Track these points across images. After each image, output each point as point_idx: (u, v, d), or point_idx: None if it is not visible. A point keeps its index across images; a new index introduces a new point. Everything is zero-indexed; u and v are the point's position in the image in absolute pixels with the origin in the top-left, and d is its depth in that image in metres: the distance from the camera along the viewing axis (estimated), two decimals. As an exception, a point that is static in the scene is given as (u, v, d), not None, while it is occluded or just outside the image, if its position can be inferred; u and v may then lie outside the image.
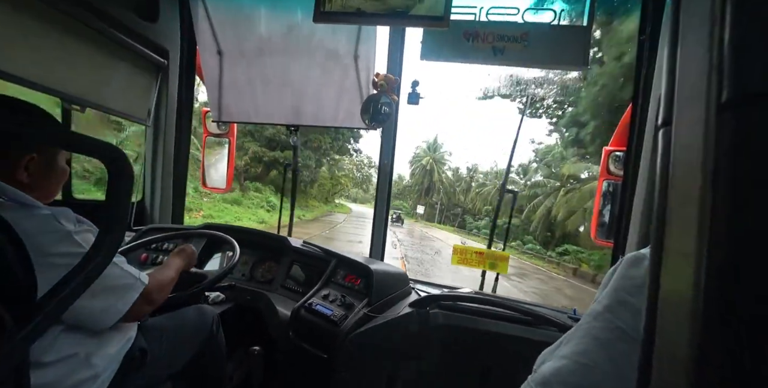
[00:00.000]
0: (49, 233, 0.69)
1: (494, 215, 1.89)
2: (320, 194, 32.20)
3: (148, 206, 1.96)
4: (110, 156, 0.55)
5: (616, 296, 0.48)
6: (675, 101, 0.26)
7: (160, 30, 1.72)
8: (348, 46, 1.59)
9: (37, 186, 0.77)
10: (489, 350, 1.39)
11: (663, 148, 0.27)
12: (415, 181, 53.98)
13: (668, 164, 0.26)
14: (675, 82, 0.26)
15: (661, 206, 0.27)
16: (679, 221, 0.25)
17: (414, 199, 53.15)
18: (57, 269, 0.63)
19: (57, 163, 0.82)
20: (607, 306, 0.48)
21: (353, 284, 1.41)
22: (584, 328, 0.50)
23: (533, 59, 1.31)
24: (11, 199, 0.70)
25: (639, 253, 0.49)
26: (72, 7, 1.29)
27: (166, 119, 1.88)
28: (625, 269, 0.49)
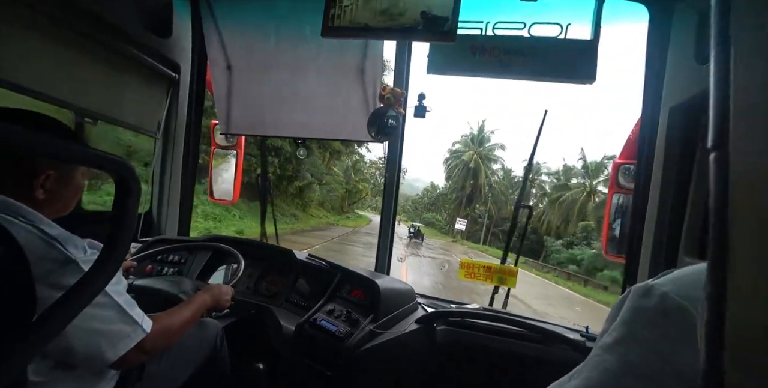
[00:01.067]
0: (51, 261, 0.66)
1: (510, 229, 1.85)
2: (330, 201, 27.93)
3: (156, 217, 1.97)
4: (119, 170, 0.56)
5: (627, 328, 0.46)
6: (731, 120, 0.23)
7: (172, 45, 1.76)
8: (355, 60, 1.61)
9: (52, 202, 0.76)
10: (498, 370, 1.35)
11: (717, 172, 0.24)
12: (452, 186, 42.12)
13: (726, 191, 0.23)
14: (729, 99, 0.23)
15: (719, 235, 0.23)
16: (745, 250, 0.23)
17: (451, 210, 41.76)
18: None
19: (74, 180, 0.81)
20: (618, 339, 0.46)
21: (359, 299, 1.38)
22: (595, 361, 0.48)
23: (540, 73, 1.31)
24: (27, 220, 0.68)
25: (648, 283, 0.47)
26: (88, 25, 1.33)
27: (175, 132, 1.91)
28: (635, 301, 0.47)
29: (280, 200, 19.64)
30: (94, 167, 0.78)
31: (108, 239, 0.58)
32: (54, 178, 0.75)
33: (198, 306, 0.99)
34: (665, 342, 0.41)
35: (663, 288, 0.45)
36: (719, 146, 0.23)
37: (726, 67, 0.23)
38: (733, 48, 0.23)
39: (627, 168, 1.41)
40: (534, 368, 1.30)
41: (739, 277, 0.23)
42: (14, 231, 0.64)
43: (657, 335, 0.43)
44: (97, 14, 1.35)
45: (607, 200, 1.48)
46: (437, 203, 51.88)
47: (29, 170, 0.73)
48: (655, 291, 0.45)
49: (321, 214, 27.48)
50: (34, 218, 0.70)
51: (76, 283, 0.57)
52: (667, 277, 0.47)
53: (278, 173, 17.48)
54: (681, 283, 0.44)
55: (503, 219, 36.84)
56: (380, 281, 1.39)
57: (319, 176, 24.57)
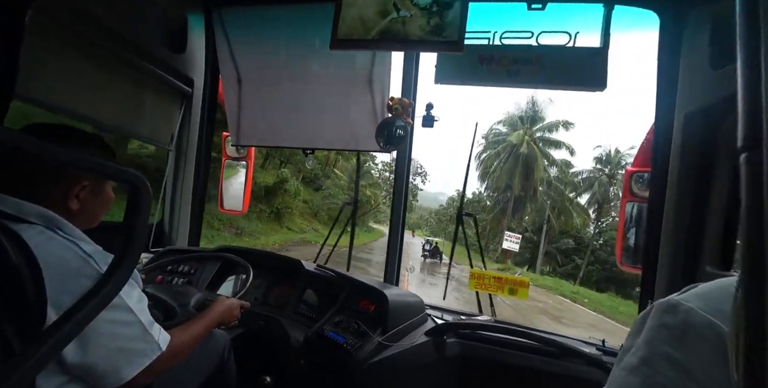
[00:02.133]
0: (86, 277, 0.66)
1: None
2: (329, 210, 22.24)
3: (167, 227, 1.99)
4: (132, 181, 0.57)
5: (653, 347, 0.44)
6: (764, 121, 0.23)
7: (186, 60, 1.82)
8: (363, 71, 1.63)
9: (84, 214, 0.77)
10: (510, 384, 1.31)
11: (750, 174, 0.23)
12: (491, 186, 29.95)
13: (761, 193, 0.22)
14: (761, 100, 0.23)
15: (753, 239, 0.23)
16: None
17: (490, 220, 29.17)
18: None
19: (105, 191, 0.82)
20: (644, 359, 0.44)
21: (367, 311, 1.36)
22: (619, 383, 0.45)
23: (549, 81, 1.30)
24: (66, 234, 0.69)
25: (672, 299, 0.45)
26: (107, 41, 1.38)
27: (187, 144, 1.95)
28: (659, 318, 0.45)
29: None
30: (107, 178, 0.80)
31: (120, 249, 0.59)
32: (88, 189, 0.76)
33: (209, 322, 0.99)
34: (695, 362, 0.39)
35: (689, 304, 0.42)
36: (752, 147, 0.23)
37: (757, 68, 0.23)
38: (763, 48, 0.23)
39: (640, 176, 1.38)
40: (548, 383, 1.26)
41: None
42: (53, 245, 0.66)
43: (685, 354, 0.40)
44: (116, 31, 1.40)
45: (620, 209, 1.45)
46: (472, 209, 39.57)
47: (65, 179, 0.74)
48: (681, 307, 0.43)
49: (306, 226, 20.51)
50: (72, 233, 0.71)
51: (87, 292, 0.58)
52: (691, 291, 0.45)
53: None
54: (709, 297, 0.42)
55: (561, 233, 26.96)
56: (389, 292, 1.37)
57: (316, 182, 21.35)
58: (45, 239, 0.66)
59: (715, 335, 0.38)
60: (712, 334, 0.38)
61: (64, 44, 1.27)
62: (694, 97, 1.12)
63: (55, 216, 0.70)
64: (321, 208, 23.11)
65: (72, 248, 0.67)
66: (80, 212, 0.76)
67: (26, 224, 0.66)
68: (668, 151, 1.20)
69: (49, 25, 1.18)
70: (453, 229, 15.25)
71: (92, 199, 0.78)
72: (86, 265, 0.67)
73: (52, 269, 0.62)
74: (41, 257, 0.62)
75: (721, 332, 0.37)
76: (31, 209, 0.68)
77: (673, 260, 1.18)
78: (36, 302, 0.59)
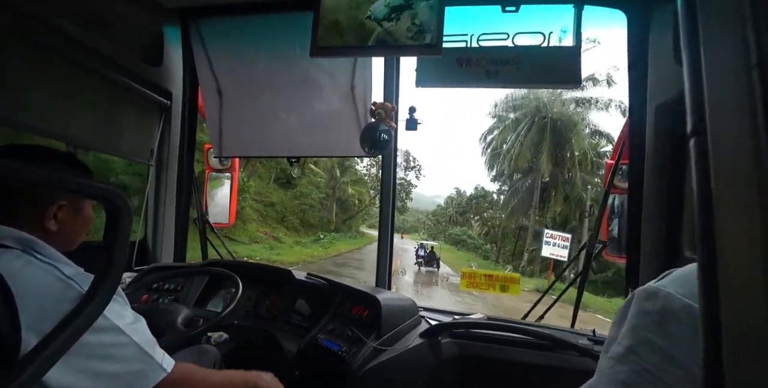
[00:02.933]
0: (68, 301, 0.62)
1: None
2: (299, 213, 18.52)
3: (151, 245, 1.94)
4: (109, 198, 0.55)
5: (637, 335, 0.45)
6: (706, 106, 0.25)
7: (163, 73, 1.79)
8: (344, 77, 1.64)
9: (62, 235, 0.74)
10: (507, 380, 1.31)
11: (698, 157, 0.25)
12: (508, 168, 22.46)
13: (708, 175, 0.24)
14: (703, 87, 0.25)
15: (704, 219, 0.25)
16: (730, 234, 0.24)
17: (508, 214, 22.81)
18: (79, 344, 0.59)
19: (84, 210, 0.79)
20: (630, 347, 0.45)
21: (360, 316, 1.35)
22: (608, 373, 0.46)
23: (527, 81, 1.35)
24: (44, 258, 0.66)
25: (651, 286, 0.46)
26: (81, 56, 1.35)
27: (168, 158, 1.91)
28: (640, 305, 0.46)
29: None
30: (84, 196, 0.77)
31: (99, 269, 0.56)
32: (66, 209, 0.73)
33: (231, 380, 0.89)
34: (677, 346, 0.40)
35: (666, 289, 0.44)
36: (698, 133, 0.25)
37: (698, 62, 0.26)
38: (702, 48, 0.25)
39: (620, 168, 1.42)
40: (543, 376, 1.27)
41: (725, 267, 0.24)
42: (31, 270, 0.63)
43: (667, 339, 0.41)
44: (89, 45, 1.37)
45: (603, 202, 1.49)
46: (469, 210, 34.74)
47: (42, 200, 0.71)
48: (660, 293, 0.44)
49: (264, 235, 16.45)
50: (51, 255, 0.68)
51: (66, 315, 0.55)
52: (668, 277, 0.47)
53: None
54: (683, 281, 0.44)
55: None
56: (381, 296, 1.36)
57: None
58: (22, 263, 0.63)
59: (693, 318, 0.38)
60: (691, 317, 0.39)
61: (33, 60, 1.23)
62: (663, 90, 1.17)
63: (32, 238, 0.67)
64: (290, 210, 19.01)
65: (51, 271, 0.65)
66: (59, 233, 0.73)
67: (1, 249, 0.63)
68: (643, 143, 1.25)
69: (15, 40, 1.15)
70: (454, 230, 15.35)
71: (70, 219, 0.75)
72: (67, 288, 0.64)
73: (31, 295, 0.60)
74: (18, 283, 0.59)
75: (697, 312, 0.39)
76: (5, 232, 0.66)
77: (654, 247, 1.22)
78: (8, 328, 0.55)
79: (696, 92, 0.26)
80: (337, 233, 23.63)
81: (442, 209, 46.58)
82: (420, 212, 56.86)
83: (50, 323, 0.57)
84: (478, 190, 34.40)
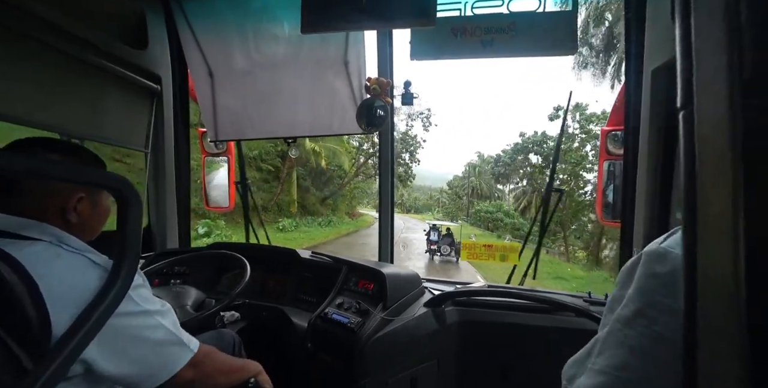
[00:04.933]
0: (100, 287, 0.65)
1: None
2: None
3: (155, 231, 1.96)
4: (117, 186, 0.56)
5: (646, 298, 0.44)
6: (694, 81, 0.26)
7: (150, 57, 1.74)
8: (337, 53, 1.61)
9: (82, 227, 0.75)
10: (508, 342, 1.38)
11: (685, 130, 0.27)
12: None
13: (693, 146, 0.26)
14: (692, 63, 0.26)
15: (689, 188, 0.26)
16: (711, 200, 0.25)
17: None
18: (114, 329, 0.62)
19: (102, 202, 0.80)
20: (638, 311, 0.44)
21: (366, 290, 1.40)
22: (616, 336, 0.46)
23: (523, 48, 1.32)
24: (73, 248, 0.67)
25: (660, 248, 0.45)
26: (60, 41, 1.30)
27: (164, 144, 1.89)
28: (649, 267, 0.45)
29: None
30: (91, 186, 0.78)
31: (116, 255, 0.58)
32: (85, 201, 0.74)
33: (243, 366, 0.93)
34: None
35: (675, 251, 0.43)
36: (686, 106, 0.27)
37: (688, 36, 0.27)
38: (694, 25, 0.26)
39: (615, 134, 1.43)
40: (542, 337, 1.33)
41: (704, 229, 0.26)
42: (62, 260, 0.64)
43: (675, 299, 0.41)
44: (68, 30, 1.32)
45: (598, 168, 1.51)
46: (507, 172, 25.84)
47: (61, 193, 0.72)
48: (669, 255, 0.43)
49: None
50: (77, 246, 0.69)
51: (90, 303, 0.58)
52: (675, 238, 0.46)
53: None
54: None
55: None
56: (385, 269, 1.40)
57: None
58: (52, 253, 0.64)
59: None
60: None
61: (12, 49, 1.19)
62: (660, 52, 1.16)
63: (59, 231, 0.69)
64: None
65: (82, 259, 0.66)
66: (79, 225, 0.74)
67: (29, 241, 0.64)
68: (639, 109, 1.25)
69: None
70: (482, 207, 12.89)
71: (90, 211, 0.76)
72: (104, 273, 0.66)
73: (65, 282, 0.62)
74: (50, 272, 0.61)
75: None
76: (32, 225, 0.67)
77: (648, 212, 1.25)
78: (37, 317, 0.57)
79: (686, 66, 0.27)
80: (313, 216, 18.62)
81: (461, 180, 37.11)
82: (433, 190, 50.15)
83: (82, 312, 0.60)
84: (525, 139, 24.07)
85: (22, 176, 0.68)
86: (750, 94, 0.22)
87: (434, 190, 48.26)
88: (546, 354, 1.31)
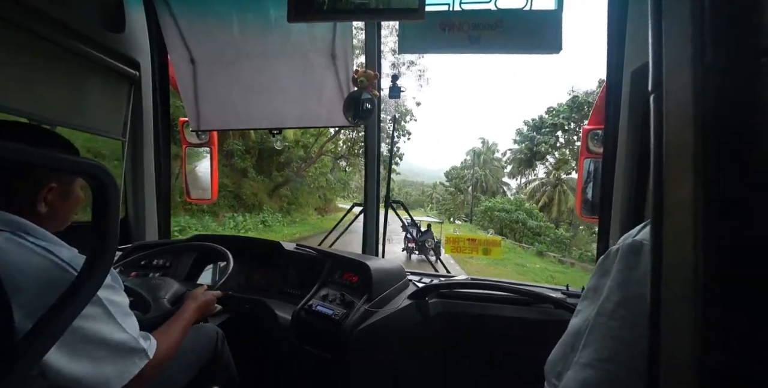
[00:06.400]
0: (64, 286, 0.61)
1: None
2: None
3: (133, 222, 1.90)
4: (93, 173, 0.53)
5: (625, 290, 0.45)
6: (663, 67, 0.28)
7: (128, 41, 1.67)
8: (324, 45, 1.58)
9: (52, 217, 0.73)
10: (490, 333, 1.42)
11: (655, 110, 0.29)
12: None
13: (661, 124, 0.28)
14: (662, 49, 0.28)
15: (656, 166, 0.29)
16: (675, 177, 0.27)
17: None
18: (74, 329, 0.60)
19: (73, 191, 0.77)
20: (619, 302, 0.45)
21: (351, 282, 1.41)
22: (600, 329, 0.47)
23: (509, 46, 1.34)
24: (38, 241, 0.65)
25: (634, 241, 0.47)
26: (33, 22, 1.24)
27: (143, 132, 1.83)
28: (626, 260, 0.46)
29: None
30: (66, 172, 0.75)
31: (92, 247, 0.55)
32: (56, 191, 0.72)
33: (187, 321, 0.94)
34: None
35: (648, 243, 0.43)
36: (656, 88, 0.29)
37: (659, 27, 0.29)
38: (664, 13, 0.29)
39: (596, 133, 1.48)
40: (523, 328, 1.38)
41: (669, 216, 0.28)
42: (24, 253, 0.62)
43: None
44: (41, 9, 1.25)
45: (579, 166, 1.56)
46: (548, 150, 20.81)
47: (32, 182, 0.69)
48: (644, 248, 0.45)
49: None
50: (44, 238, 0.67)
51: (59, 298, 0.55)
52: (646, 230, 0.47)
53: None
54: None
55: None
56: (370, 262, 1.41)
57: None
58: (13, 245, 0.62)
59: None
60: None
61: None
62: (640, 54, 1.20)
63: (21, 220, 0.66)
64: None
65: (47, 256, 0.64)
66: (49, 215, 0.72)
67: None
68: (618, 109, 1.29)
69: None
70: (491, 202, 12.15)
71: (61, 201, 0.74)
72: (64, 273, 0.63)
73: (26, 279, 0.60)
74: (11, 267, 0.59)
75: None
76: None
77: (625, 207, 1.30)
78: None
79: (656, 51, 0.29)
80: (252, 213, 13.51)
81: (461, 170, 30.69)
82: (426, 186, 46.77)
83: (47, 308, 0.58)
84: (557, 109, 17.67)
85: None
86: (709, 78, 0.25)
87: (427, 186, 45.15)
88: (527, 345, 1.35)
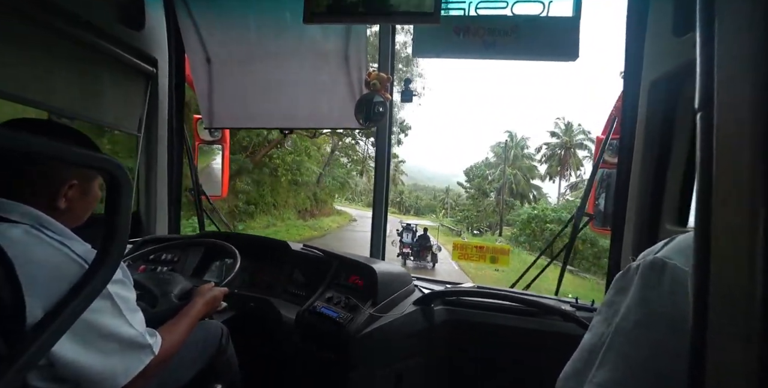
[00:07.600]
0: (75, 280, 0.62)
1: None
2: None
3: (144, 216, 1.93)
4: (108, 168, 0.54)
5: (645, 309, 0.44)
6: (715, 84, 0.26)
7: (147, 38, 1.70)
8: (338, 47, 1.59)
9: (70, 213, 0.74)
10: (496, 343, 1.40)
11: (703, 129, 0.26)
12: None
13: (711, 146, 0.26)
14: (714, 66, 0.26)
15: (704, 189, 0.26)
16: (726, 198, 0.25)
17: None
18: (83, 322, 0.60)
19: (93, 189, 0.79)
20: (638, 321, 0.44)
21: (357, 285, 1.40)
22: (616, 348, 0.45)
23: (524, 52, 1.32)
24: (55, 236, 0.66)
25: (656, 258, 0.45)
26: (56, 19, 1.27)
27: (158, 128, 1.86)
28: (647, 277, 0.45)
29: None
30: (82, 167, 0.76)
31: (103, 241, 0.56)
32: (77, 188, 0.73)
33: (194, 317, 0.96)
34: (686, 317, 0.40)
35: (672, 261, 0.43)
36: (705, 107, 0.26)
37: (711, 37, 0.26)
38: (717, 21, 0.26)
39: (611, 143, 1.45)
40: (528, 339, 1.35)
41: (717, 238, 0.25)
42: (42, 246, 0.63)
43: (675, 309, 0.41)
44: (64, 8, 1.29)
45: (592, 176, 1.52)
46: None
47: (55, 178, 0.71)
48: (667, 265, 0.43)
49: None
50: (60, 232, 0.68)
51: (69, 290, 0.57)
52: (670, 248, 0.45)
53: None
54: (687, 253, 0.42)
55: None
56: (376, 266, 1.40)
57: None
58: (31, 238, 0.63)
59: None
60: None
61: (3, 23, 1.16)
62: (659, 64, 1.17)
63: (41, 215, 0.68)
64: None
65: (62, 249, 0.65)
66: (67, 211, 0.73)
67: (8, 224, 0.63)
68: (635, 118, 1.26)
69: None
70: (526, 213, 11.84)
71: (80, 198, 0.75)
72: (79, 268, 0.64)
73: (41, 271, 0.61)
74: (29, 258, 0.60)
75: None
76: (14, 207, 0.66)
77: (639, 220, 1.27)
78: (12, 301, 0.56)
79: (707, 66, 0.26)
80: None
81: (484, 168, 24.72)
82: (437, 190, 44.35)
83: (59, 300, 0.59)
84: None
85: (12, 154, 0.67)
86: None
87: (439, 191, 43.68)
88: (532, 356, 1.33)
